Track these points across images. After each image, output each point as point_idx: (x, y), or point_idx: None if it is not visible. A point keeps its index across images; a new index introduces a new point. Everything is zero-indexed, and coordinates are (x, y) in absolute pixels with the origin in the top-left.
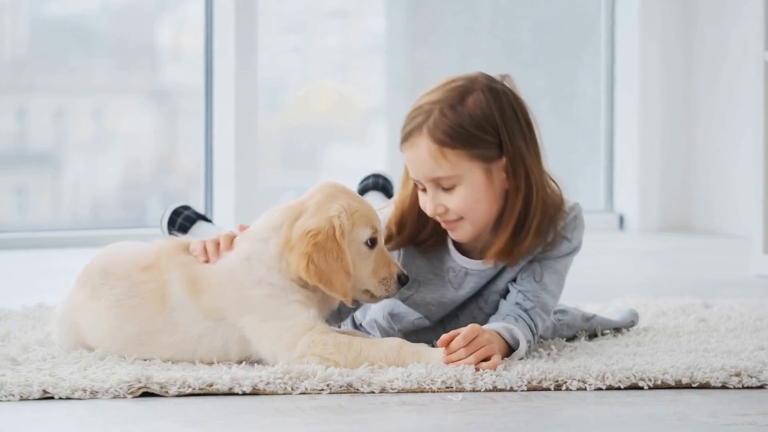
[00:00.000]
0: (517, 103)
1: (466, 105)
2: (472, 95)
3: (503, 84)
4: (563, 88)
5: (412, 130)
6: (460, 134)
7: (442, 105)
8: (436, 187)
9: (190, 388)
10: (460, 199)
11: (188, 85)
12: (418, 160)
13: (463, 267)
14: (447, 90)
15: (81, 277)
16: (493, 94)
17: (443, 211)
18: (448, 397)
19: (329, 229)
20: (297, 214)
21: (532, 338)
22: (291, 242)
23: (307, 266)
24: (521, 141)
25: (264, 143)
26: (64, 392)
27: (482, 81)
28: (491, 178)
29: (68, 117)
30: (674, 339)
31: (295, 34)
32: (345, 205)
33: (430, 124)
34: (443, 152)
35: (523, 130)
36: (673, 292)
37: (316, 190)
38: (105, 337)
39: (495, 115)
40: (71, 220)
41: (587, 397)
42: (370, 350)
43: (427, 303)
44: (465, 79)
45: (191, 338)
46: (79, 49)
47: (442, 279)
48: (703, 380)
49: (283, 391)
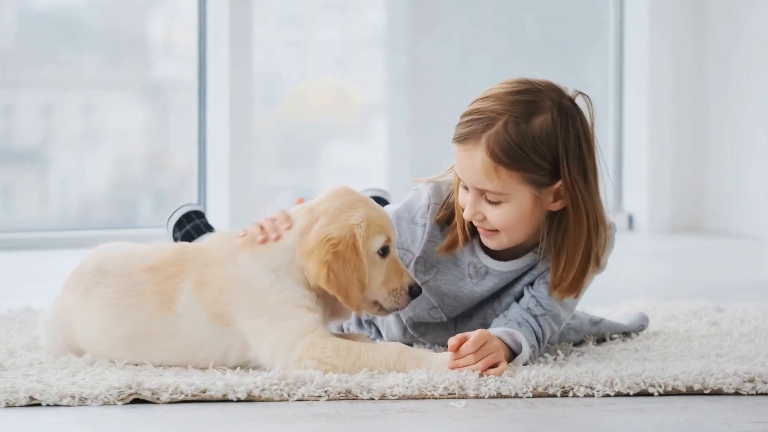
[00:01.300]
0: (584, 130)
1: (532, 125)
2: (541, 115)
3: (574, 103)
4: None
5: (469, 134)
6: (519, 156)
7: (506, 118)
8: (480, 195)
9: (183, 394)
10: (502, 215)
11: (181, 80)
12: (469, 167)
13: (485, 265)
14: (515, 101)
15: (71, 278)
16: (562, 118)
17: (482, 218)
18: (450, 404)
19: (349, 239)
20: (310, 222)
21: (537, 344)
22: (309, 249)
23: (328, 276)
24: (580, 173)
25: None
26: (52, 399)
27: (553, 97)
28: (539, 201)
29: (56, 113)
30: (685, 344)
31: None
32: (364, 214)
33: (490, 135)
34: (497, 169)
35: (584, 160)
36: (685, 295)
37: (332, 195)
38: (99, 338)
39: (559, 144)
40: (59, 220)
41: (595, 404)
42: (369, 355)
43: (443, 293)
44: (535, 91)
45: (193, 343)
46: (67, 42)
47: (462, 271)
48: (715, 386)
49: (279, 397)
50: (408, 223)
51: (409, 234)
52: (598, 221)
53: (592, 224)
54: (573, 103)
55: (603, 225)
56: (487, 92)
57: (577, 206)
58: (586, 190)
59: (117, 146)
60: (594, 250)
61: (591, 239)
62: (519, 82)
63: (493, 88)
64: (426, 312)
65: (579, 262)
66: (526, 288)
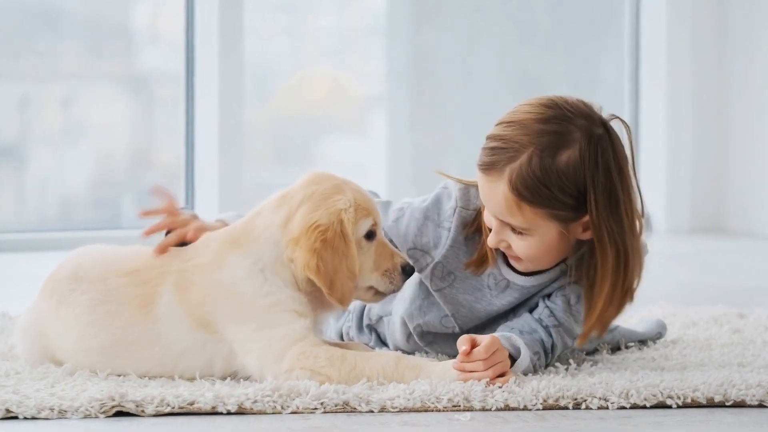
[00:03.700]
0: (616, 160)
1: (558, 161)
2: (568, 149)
3: (607, 129)
4: (583, 75)
5: (492, 164)
6: (543, 194)
7: (531, 150)
8: (503, 225)
9: (169, 406)
10: (526, 247)
11: (167, 71)
12: (492, 199)
13: (506, 278)
14: (541, 131)
15: (46, 285)
16: (591, 150)
17: (507, 246)
18: (455, 417)
19: (337, 225)
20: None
21: (544, 355)
22: (296, 237)
23: (317, 266)
24: (608, 207)
25: (251, 136)
26: (30, 411)
27: (583, 126)
28: (565, 235)
29: (34, 106)
30: (706, 352)
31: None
32: (351, 198)
33: (514, 169)
34: (520, 206)
35: (614, 194)
36: (705, 301)
37: (311, 181)
38: (75, 348)
39: (587, 180)
40: (37, 220)
41: (609, 417)
42: (365, 364)
43: (458, 302)
44: (564, 119)
45: (174, 351)
46: (46, 31)
47: (480, 282)
48: (737, 398)
49: (272, 410)
50: (435, 225)
51: (433, 237)
52: (629, 256)
53: (622, 259)
54: (606, 128)
55: (635, 258)
56: (514, 116)
57: (603, 242)
58: (615, 224)
59: (99, 142)
60: (625, 287)
61: (619, 275)
62: (546, 106)
63: (519, 110)
64: (438, 320)
65: (606, 298)
66: (542, 299)
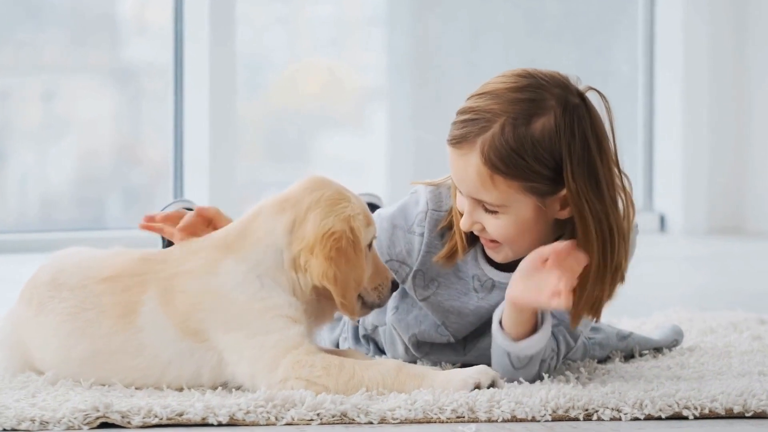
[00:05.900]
0: (594, 130)
1: (532, 128)
2: (542, 117)
3: (583, 99)
4: (594, 66)
5: (463, 137)
6: (518, 164)
7: (504, 119)
8: (476, 203)
9: (157, 418)
10: (501, 227)
11: (155, 63)
12: (464, 174)
13: (490, 278)
14: (514, 99)
15: (25, 291)
16: (567, 119)
17: (480, 228)
18: (459, 429)
19: (350, 233)
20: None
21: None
22: (310, 245)
23: (335, 275)
24: (587, 179)
25: (244, 131)
26: (9, 422)
27: (558, 94)
28: (543, 210)
29: (14, 100)
30: (724, 360)
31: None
32: (359, 206)
33: (486, 139)
34: (494, 179)
35: (593, 165)
36: (723, 305)
37: (312, 186)
38: (55, 359)
39: (563, 149)
40: (17, 220)
41: (622, 429)
42: (364, 373)
43: (445, 310)
44: (537, 87)
45: (159, 362)
46: (27, 20)
47: (466, 285)
48: (758, 409)
49: (266, 421)
50: (404, 232)
51: (405, 244)
52: (613, 232)
53: (606, 237)
54: (582, 98)
55: (620, 236)
56: (485, 87)
57: (584, 217)
58: (596, 199)
59: (82, 137)
60: (613, 266)
61: (606, 253)
62: (520, 75)
63: (491, 82)
64: (433, 330)
65: (592, 277)
66: None
